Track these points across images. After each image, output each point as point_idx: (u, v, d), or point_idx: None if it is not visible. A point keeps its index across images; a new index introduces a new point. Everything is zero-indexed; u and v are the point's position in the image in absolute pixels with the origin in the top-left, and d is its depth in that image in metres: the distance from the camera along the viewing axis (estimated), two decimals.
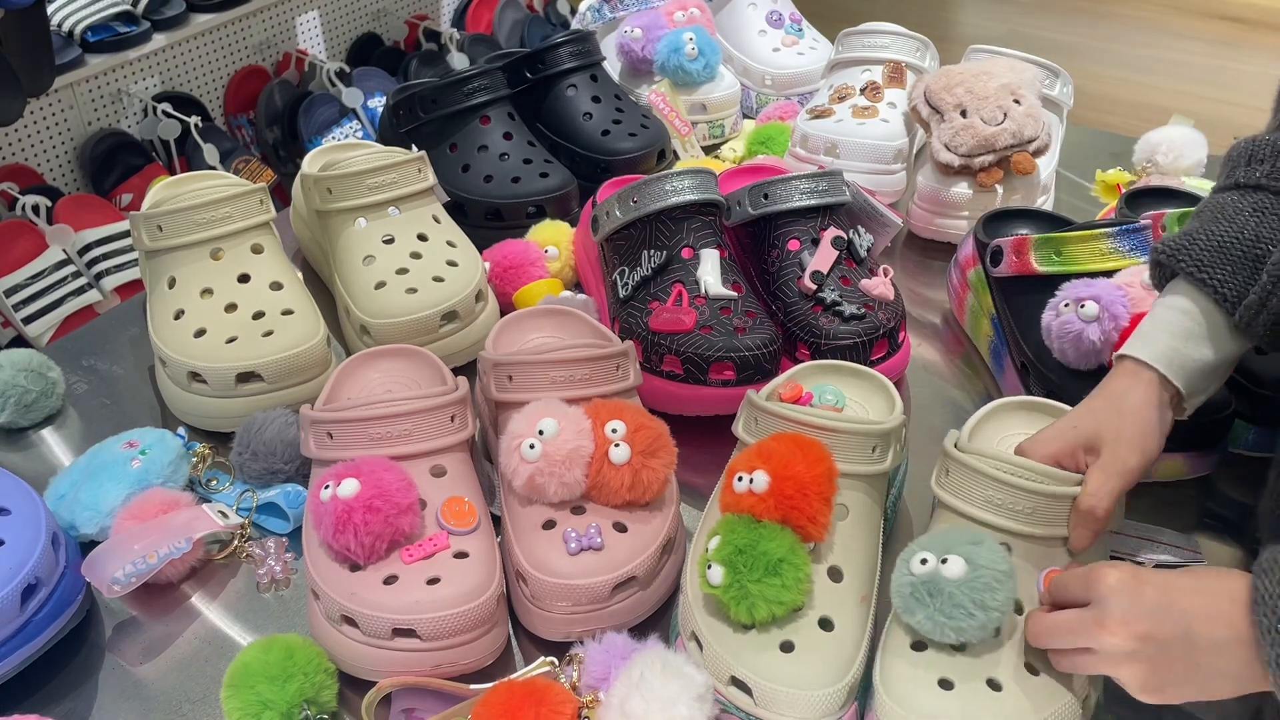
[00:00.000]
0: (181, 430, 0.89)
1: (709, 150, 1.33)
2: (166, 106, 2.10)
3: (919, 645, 0.65)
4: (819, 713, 0.63)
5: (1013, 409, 0.80)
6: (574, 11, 2.03)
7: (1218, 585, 0.57)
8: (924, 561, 0.64)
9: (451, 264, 0.98)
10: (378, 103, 2.30)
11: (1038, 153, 1.11)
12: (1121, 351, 0.73)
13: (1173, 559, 0.75)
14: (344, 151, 1.08)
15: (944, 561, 0.63)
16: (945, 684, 0.63)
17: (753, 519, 0.67)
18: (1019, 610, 0.66)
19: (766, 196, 0.97)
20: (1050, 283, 0.89)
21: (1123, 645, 0.58)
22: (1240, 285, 0.70)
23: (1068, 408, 0.78)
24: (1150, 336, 0.72)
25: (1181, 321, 0.71)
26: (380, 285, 0.95)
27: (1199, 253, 0.71)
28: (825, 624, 0.67)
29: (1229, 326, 0.71)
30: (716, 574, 0.66)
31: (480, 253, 1.02)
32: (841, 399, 0.81)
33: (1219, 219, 0.72)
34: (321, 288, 1.07)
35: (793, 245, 0.96)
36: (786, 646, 0.65)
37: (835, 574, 0.69)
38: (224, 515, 0.80)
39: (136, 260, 1.56)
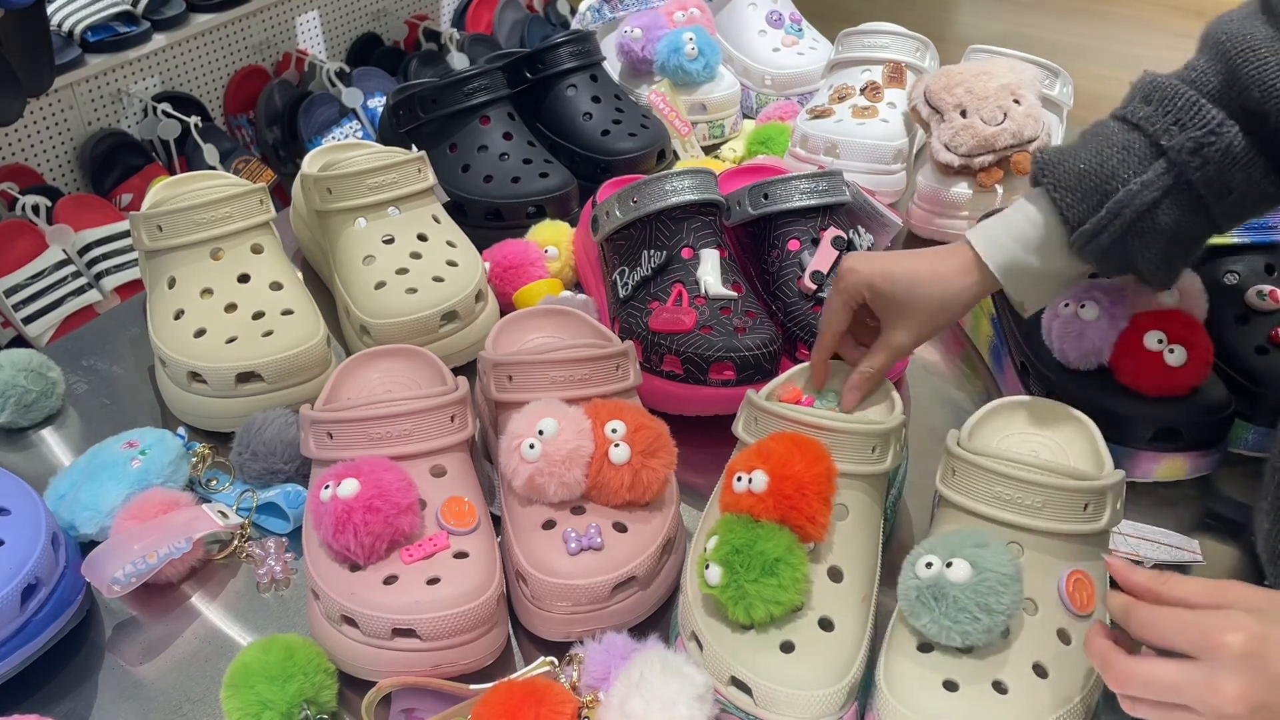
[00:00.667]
0: (181, 430, 0.88)
1: (709, 150, 1.33)
2: (166, 106, 2.10)
3: (925, 646, 0.65)
4: (819, 713, 0.63)
5: (1013, 409, 0.80)
6: (574, 11, 2.03)
7: None
8: (929, 565, 0.64)
9: (451, 264, 0.98)
10: (378, 103, 2.30)
11: None
12: (969, 238, 0.79)
13: (1172, 559, 0.75)
14: (344, 151, 1.08)
15: (949, 565, 0.63)
16: (950, 685, 0.63)
17: (751, 519, 0.67)
18: (1031, 611, 0.66)
19: (766, 196, 0.97)
20: None
21: (1232, 713, 0.54)
22: (1084, 213, 0.75)
23: (1068, 407, 0.78)
24: (997, 239, 0.78)
25: (1026, 230, 0.77)
26: (380, 285, 0.95)
27: (1062, 174, 0.76)
28: (825, 624, 0.67)
29: (1063, 244, 0.77)
30: (714, 574, 0.66)
31: (480, 253, 1.02)
32: (839, 402, 0.81)
33: (1090, 147, 0.77)
34: (321, 288, 1.07)
35: (793, 245, 0.96)
36: (786, 647, 0.65)
37: (835, 574, 0.69)
38: (224, 515, 0.80)
39: (136, 260, 1.56)
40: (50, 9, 1.97)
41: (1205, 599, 0.58)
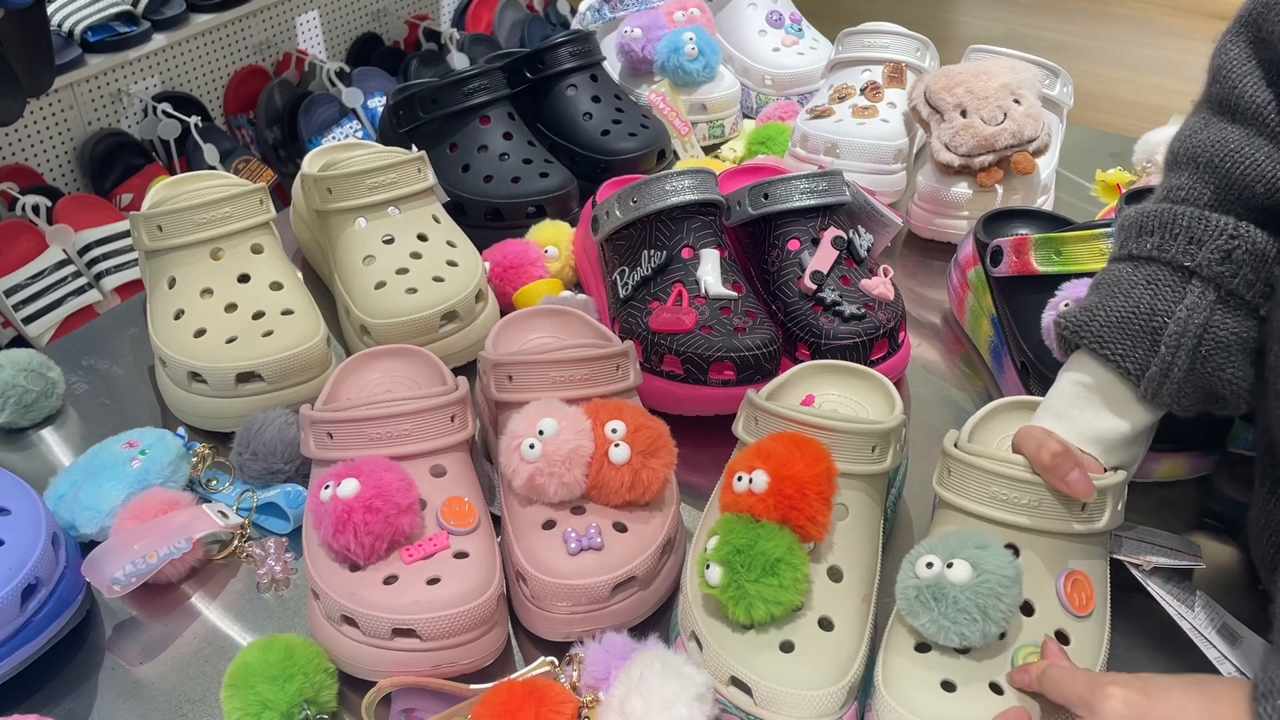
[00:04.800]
0: (181, 430, 0.88)
1: (709, 150, 1.33)
2: (166, 106, 2.10)
3: (923, 646, 0.65)
4: (819, 712, 0.63)
5: (1013, 409, 0.80)
6: (574, 11, 2.03)
7: (1221, 710, 0.56)
8: (929, 565, 0.64)
9: (451, 264, 0.98)
10: (378, 103, 2.30)
11: (1038, 153, 1.11)
12: (1032, 424, 0.73)
13: (1172, 561, 0.75)
14: (344, 151, 1.08)
15: (949, 566, 0.63)
16: (948, 686, 0.63)
17: (752, 519, 0.67)
18: (1029, 611, 0.66)
19: (766, 196, 0.97)
20: (1050, 283, 0.89)
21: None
22: (1142, 358, 0.70)
23: None
24: (1060, 412, 0.73)
25: (1087, 396, 0.72)
26: (380, 285, 0.95)
27: (1099, 328, 0.72)
28: (825, 624, 0.67)
29: (1136, 397, 0.71)
30: (715, 574, 0.66)
31: (480, 253, 1.02)
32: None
33: (1115, 294, 0.72)
34: (321, 288, 1.07)
35: (793, 245, 0.96)
36: (786, 646, 0.65)
37: (835, 574, 0.69)
38: (224, 515, 0.80)
39: (136, 260, 1.56)
40: (50, 9, 1.97)
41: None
